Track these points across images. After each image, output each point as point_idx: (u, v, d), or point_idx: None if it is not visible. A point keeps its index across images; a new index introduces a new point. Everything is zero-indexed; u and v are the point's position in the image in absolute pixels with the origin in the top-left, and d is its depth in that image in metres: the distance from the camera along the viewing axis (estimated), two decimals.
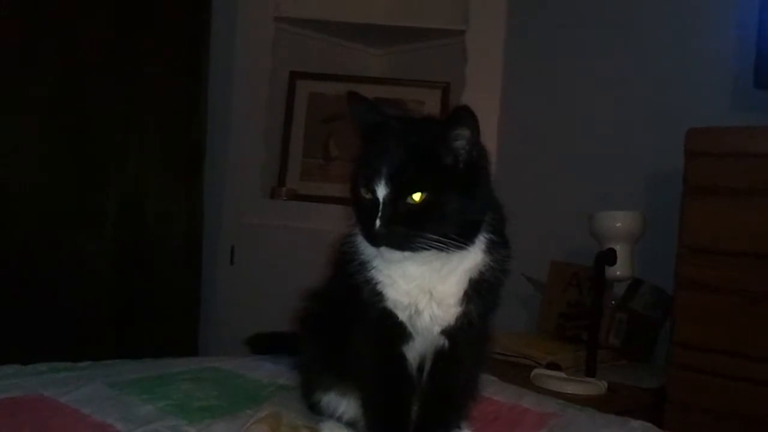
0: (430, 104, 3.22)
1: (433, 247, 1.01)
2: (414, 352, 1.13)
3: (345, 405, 1.21)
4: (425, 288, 1.07)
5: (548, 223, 2.79)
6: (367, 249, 1.09)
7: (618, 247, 2.26)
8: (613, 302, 2.47)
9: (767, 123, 2.14)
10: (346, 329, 1.14)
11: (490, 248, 1.08)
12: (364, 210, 1.04)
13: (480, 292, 1.08)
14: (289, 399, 1.31)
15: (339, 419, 1.21)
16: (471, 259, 1.07)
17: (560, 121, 2.90)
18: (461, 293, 1.08)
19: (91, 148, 2.78)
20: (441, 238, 1.00)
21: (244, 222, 3.14)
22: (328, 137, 3.28)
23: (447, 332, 1.10)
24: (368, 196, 1.03)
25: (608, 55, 2.80)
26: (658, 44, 2.68)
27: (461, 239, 1.02)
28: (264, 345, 1.71)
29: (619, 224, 2.31)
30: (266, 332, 1.73)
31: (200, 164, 3.07)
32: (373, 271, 1.09)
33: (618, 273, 2.28)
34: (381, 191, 1.01)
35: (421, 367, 1.14)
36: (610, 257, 2.25)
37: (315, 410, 1.25)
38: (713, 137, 2.07)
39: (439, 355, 1.12)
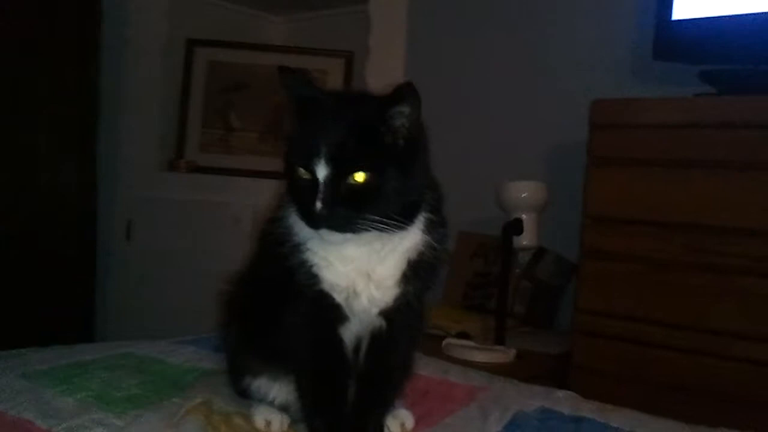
0: (334, 74, 3.19)
1: (374, 228, 0.98)
2: (350, 333, 1.10)
3: (276, 389, 1.18)
4: (363, 270, 1.05)
5: (455, 194, 2.80)
6: (301, 231, 1.05)
7: (524, 217, 2.30)
8: (517, 271, 2.52)
9: (666, 94, 2.21)
10: (278, 312, 1.10)
11: (429, 228, 1.06)
12: (301, 190, 1.00)
13: (419, 273, 1.07)
14: (215, 384, 1.27)
15: (271, 403, 1.18)
16: (410, 239, 1.05)
17: (465, 92, 2.92)
18: (400, 274, 1.06)
19: None
20: (383, 219, 0.98)
21: (142, 196, 3.03)
22: (228, 108, 3.20)
23: (384, 313, 1.09)
24: (306, 176, 0.99)
25: (510, 27, 2.83)
26: (559, 17, 2.73)
27: (403, 219, 1.00)
28: None
29: (525, 194, 2.34)
30: None
31: (93, 133, 2.93)
32: (307, 253, 1.06)
33: (524, 242, 2.32)
34: (321, 171, 0.97)
35: (356, 348, 1.12)
36: (516, 227, 2.28)
37: (245, 395, 1.21)
38: (616, 109, 2.12)
39: (376, 335, 1.11)
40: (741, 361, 1.85)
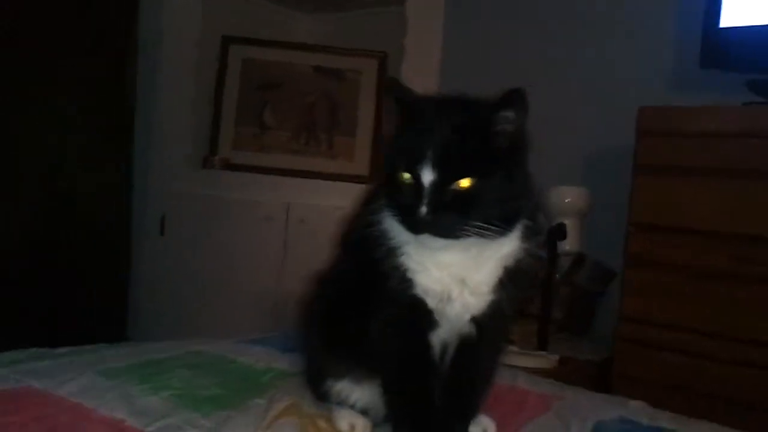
0: (368, 74, 3.17)
1: (476, 234, 0.98)
2: (438, 338, 1.09)
3: (359, 393, 1.16)
4: (459, 275, 1.04)
5: None
6: (397, 235, 1.04)
7: (567, 222, 2.29)
8: (557, 276, 2.52)
9: (709, 102, 2.20)
10: (366, 316, 1.09)
11: (527, 235, 1.05)
12: (404, 194, 0.98)
13: (514, 280, 1.05)
14: (294, 386, 1.26)
15: (352, 407, 1.17)
16: (508, 245, 1.04)
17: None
18: (496, 281, 1.05)
19: (9, 111, 2.60)
20: (486, 225, 0.97)
21: (175, 191, 3.03)
22: (262, 106, 3.19)
23: (476, 319, 1.08)
24: (410, 180, 0.98)
25: (551, 30, 2.82)
26: (601, 23, 2.72)
27: (504, 225, 1.00)
28: None
29: (568, 200, 2.35)
30: None
31: (130, 130, 2.93)
32: (403, 257, 1.04)
33: (567, 247, 2.32)
34: (427, 176, 0.96)
35: (442, 353, 1.12)
36: (560, 232, 2.28)
37: (324, 398, 1.20)
38: (664, 117, 2.12)
39: (465, 342, 1.10)
40: None
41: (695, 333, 2.00)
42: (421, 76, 2.94)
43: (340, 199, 2.81)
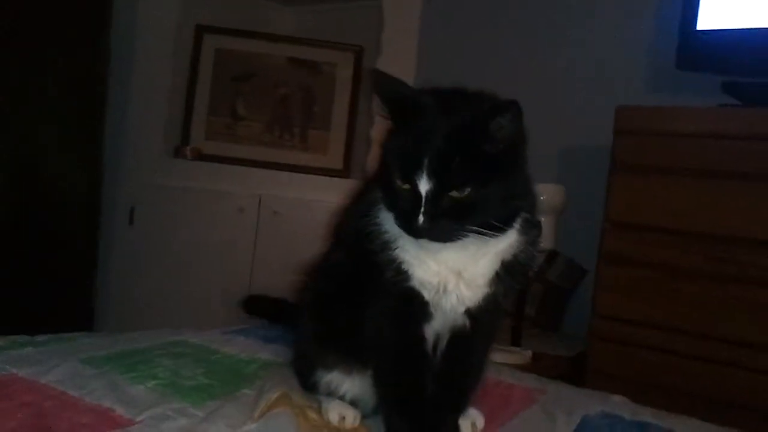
0: (343, 67, 3.16)
1: (475, 236, 0.98)
2: (431, 331, 1.09)
3: (349, 384, 1.16)
4: (455, 268, 1.03)
5: None
6: (393, 228, 1.03)
7: (542, 220, 2.30)
8: (530, 273, 2.53)
9: (685, 103, 2.23)
10: (360, 307, 1.08)
11: (525, 228, 1.05)
12: (401, 201, 0.98)
13: (511, 273, 1.06)
14: (282, 376, 1.25)
15: (342, 398, 1.17)
16: (506, 240, 1.04)
17: None
18: (492, 274, 1.05)
19: None
20: (484, 229, 0.97)
21: (146, 181, 2.98)
22: (235, 96, 3.15)
23: (470, 312, 1.07)
24: (406, 187, 0.96)
25: (528, 28, 2.83)
26: (579, 22, 2.73)
27: (503, 225, 1.00)
28: (259, 309, 1.65)
29: (543, 197, 2.34)
30: (261, 295, 1.64)
31: (101, 118, 2.87)
32: (398, 250, 1.04)
33: (542, 245, 2.32)
34: (423, 185, 0.94)
35: (434, 345, 1.11)
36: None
37: (312, 389, 1.19)
38: (642, 116, 2.14)
39: (458, 334, 1.10)
40: (755, 372, 1.87)
41: (669, 331, 2.02)
42: (398, 71, 2.91)
43: (313, 192, 2.85)
